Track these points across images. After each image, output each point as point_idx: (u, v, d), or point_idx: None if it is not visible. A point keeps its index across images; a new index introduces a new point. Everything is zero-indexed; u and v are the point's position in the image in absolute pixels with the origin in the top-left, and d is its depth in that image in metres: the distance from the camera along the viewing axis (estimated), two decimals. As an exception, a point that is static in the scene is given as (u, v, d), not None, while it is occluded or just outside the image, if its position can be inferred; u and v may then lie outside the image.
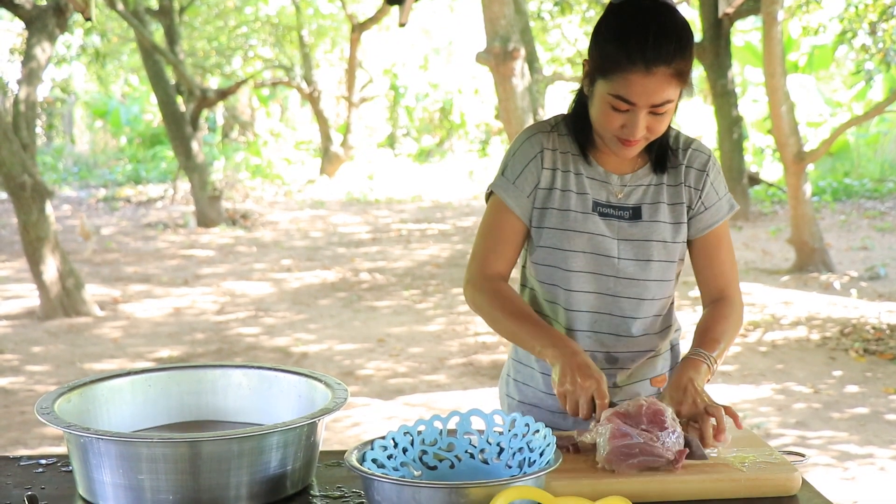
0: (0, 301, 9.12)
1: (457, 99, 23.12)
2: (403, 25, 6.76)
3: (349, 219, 14.89)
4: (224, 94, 15.04)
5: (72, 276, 8.33)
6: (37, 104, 8.91)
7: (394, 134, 23.74)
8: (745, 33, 18.29)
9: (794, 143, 9.46)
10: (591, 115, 2.07)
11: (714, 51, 12.19)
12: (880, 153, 17.11)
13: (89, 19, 4.94)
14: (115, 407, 1.98)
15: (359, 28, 17.38)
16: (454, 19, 23.23)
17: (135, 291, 9.51)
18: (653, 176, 2.15)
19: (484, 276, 2.15)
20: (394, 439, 1.80)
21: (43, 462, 1.97)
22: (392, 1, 6.82)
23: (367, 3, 18.91)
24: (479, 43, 14.94)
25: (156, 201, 16.59)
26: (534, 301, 2.20)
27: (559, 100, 18.04)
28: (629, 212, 2.12)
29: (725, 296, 2.17)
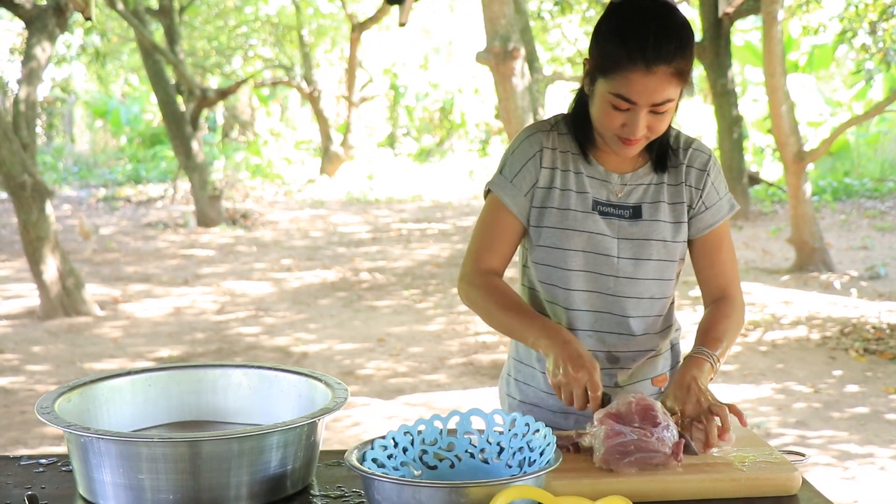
0: (0, 301, 9.12)
1: (457, 98, 23.12)
2: (403, 25, 6.76)
3: (349, 218, 14.89)
4: (224, 94, 15.04)
5: (72, 276, 8.33)
6: (37, 104, 8.90)
7: (394, 133, 23.74)
8: (745, 33, 18.29)
9: (794, 142, 9.46)
10: (591, 114, 2.07)
11: (714, 50, 12.19)
12: (880, 153, 17.10)
13: (89, 19, 4.93)
14: (116, 407, 1.98)
15: (359, 28, 17.38)
16: (454, 19, 23.23)
17: (135, 291, 9.50)
18: (653, 175, 2.15)
19: (477, 272, 2.15)
20: (394, 439, 1.80)
21: (43, 462, 1.97)
22: (392, 0, 6.82)
23: (367, 2, 18.91)
24: (479, 42, 14.93)
25: (156, 201, 16.59)
26: (535, 301, 2.20)
27: (559, 99, 18.04)
28: (629, 211, 2.12)
29: (727, 295, 2.18)
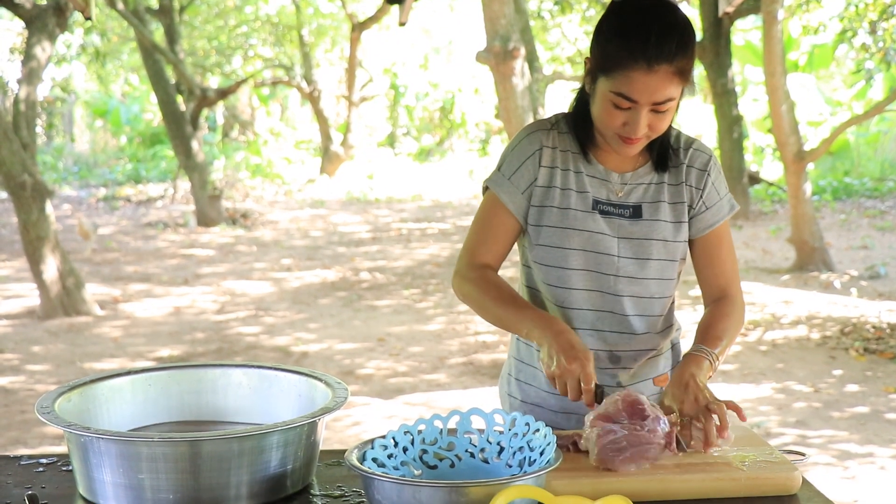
0: (0, 300, 9.12)
1: (457, 98, 23.12)
2: (403, 25, 6.76)
3: (349, 218, 14.89)
4: (224, 94, 15.04)
5: (72, 276, 8.33)
6: (37, 103, 8.90)
7: (394, 133, 23.74)
8: (746, 32, 18.29)
9: (794, 142, 9.46)
10: (592, 112, 2.07)
11: (714, 50, 12.19)
12: (880, 152, 17.10)
13: (89, 18, 4.93)
14: (116, 406, 1.98)
15: (359, 27, 17.38)
16: (454, 18, 23.23)
17: (135, 291, 9.50)
18: (654, 175, 2.15)
19: (471, 266, 2.16)
20: (394, 438, 1.80)
21: (43, 461, 1.97)
22: (392, 0, 6.82)
23: (367, 2, 18.91)
24: (479, 42, 14.94)
25: (156, 200, 16.59)
26: (536, 301, 2.20)
27: (559, 99, 18.03)
28: (629, 210, 2.12)
29: (727, 295, 2.18)
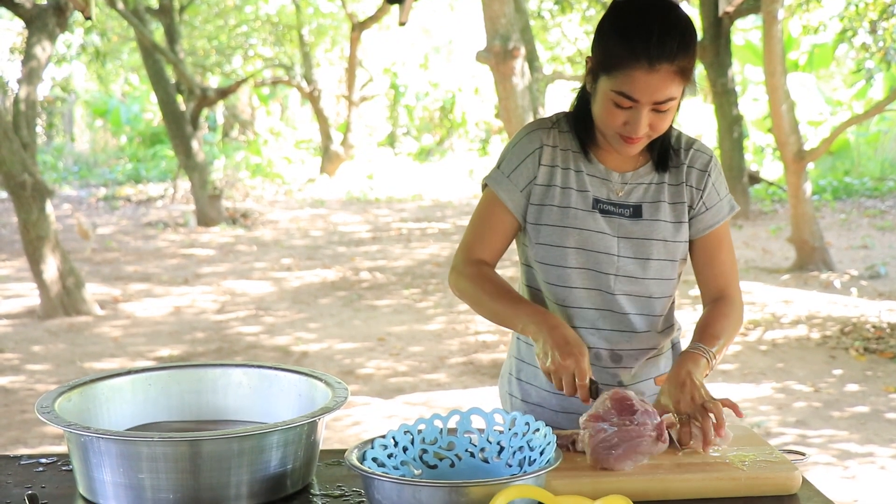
0: (0, 300, 9.12)
1: (457, 98, 23.12)
2: (403, 24, 6.75)
3: (349, 218, 14.89)
4: (224, 93, 15.04)
5: (72, 275, 8.33)
6: (37, 103, 8.89)
7: (394, 133, 23.75)
8: (746, 32, 18.29)
9: (794, 141, 9.46)
10: (593, 112, 2.07)
11: (714, 49, 12.19)
12: (880, 152, 17.10)
13: (89, 18, 4.93)
14: (116, 406, 1.98)
15: (359, 27, 17.38)
16: (454, 18, 23.23)
17: (135, 290, 9.50)
18: (654, 175, 2.15)
19: (468, 262, 2.16)
20: (394, 438, 1.80)
21: (43, 461, 1.97)
22: (392, 0, 6.82)
23: (367, 1, 18.91)
24: (479, 42, 14.94)
25: (156, 200, 16.59)
26: (536, 301, 2.19)
27: (559, 99, 18.04)
28: (630, 210, 2.12)
29: (726, 295, 2.18)
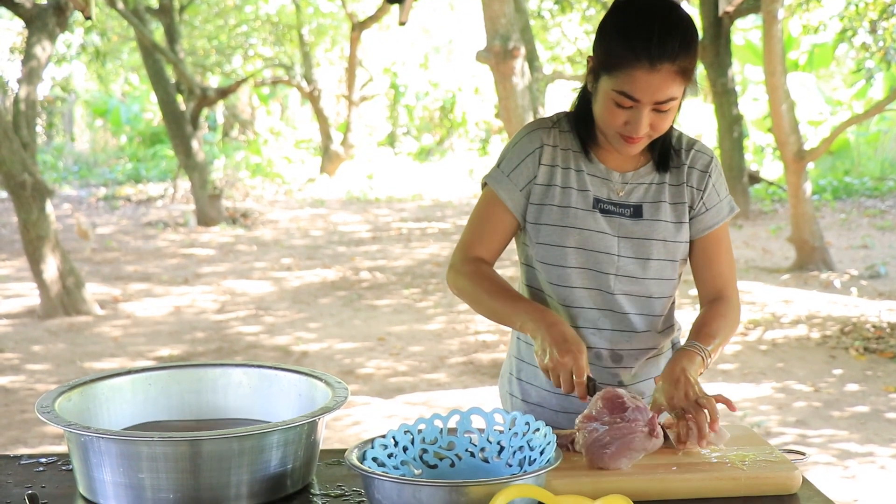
0: (0, 300, 9.12)
1: (457, 97, 23.12)
2: (403, 24, 6.75)
3: (349, 217, 14.89)
4: (224, 93, 15.04)
5: (72, 275, 8.33)
6: (37, 103, 8.89)
7: (394, 132, 23.75)
8: (746, 32, 18.29)
9: (794, 141, 9.46)
10: (594, 111, 2.07)
11: (714, 49, 12.19)
12: (880, 151, 17.10)
13: (89, 18, 4.93)
14: (116, 406, 1.98)
15: (359, 27, 17.38)
16: (454, 18, 23.23)
17: (135, 290, 9.51)
18: (655, 175, 2.15)
19: (466, 260, 2.16)
20: (394, 438, 1.80)
21: (43, 461, 1.97)
22: (392, 0, 6.81)
23: (367, 1, 18.91)
24: (479, 41, 14.95)
25: (156, 200, 16.59)
26: (537, 300, 2.19)
27: (559, 98, 18.04)
28: (630, 209, 2.12)
29: (723, 296, 2.18)
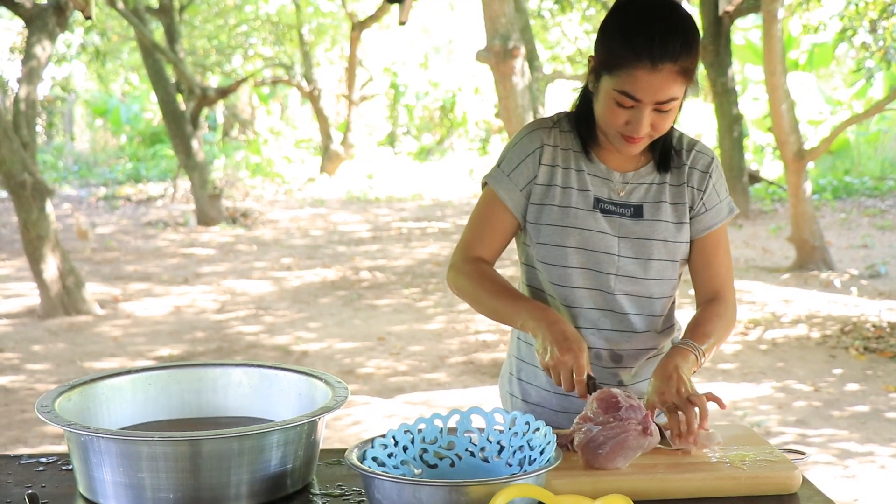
0: (0, 299, 9.12)
1: (457, 97, 23.12)
2: (403, 24, 6.75)
3: (349, 217, 14.89)
4: (224, 93, 15.04)
5: (72, 275, 8.33)
6: (37, 103, 8.89)
7: (394, 132, 23.75)
8: (746, 31, 18.29)
9: (794, 141, 9.45)
10: (595, 111, 2.07)
11: (714, 49, 12.19)
12: (880, 151, 17.10)
13: (89, 18, 4.93)
14: (116, 405, 1.98)
15: (359, 26, 17.38)
16: (454, 17, 23.23)
17: (135, 290, 9.51)
18: (655, 175, 2.15)
19: (466, 260, 2.16)
20: (394, 437, 1.80)
21: (43, 461, 1.97)
22: (392, -1, 6.82)
23: (367, 1, 18.91)
24: (479, 41, 14.94)
25: (156, 200, 16.59)
26: (537, 300, 2.19)
27: (559, 98, 18.04)
28: (631, 209, 2.12)
29: (720, 296, 2.18)
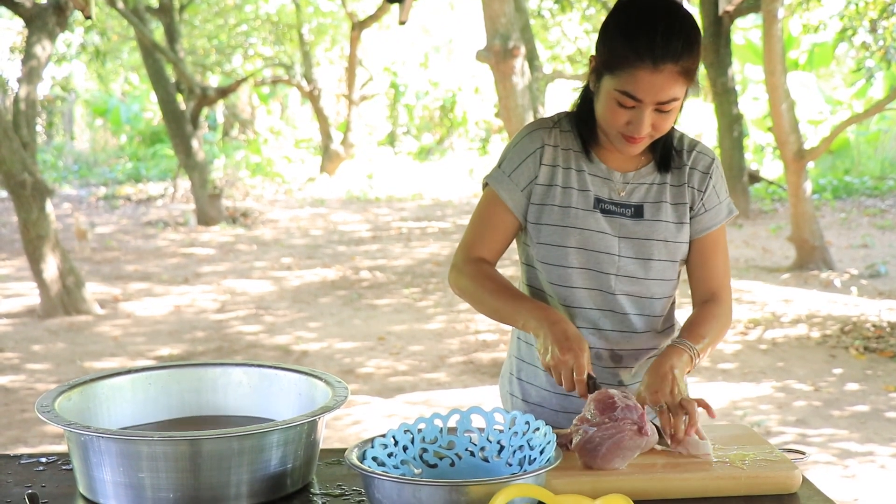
0: (0, 299, 9.12)
1: (457, 97, 23.12)
2: (403, 23, 6.75)
3: (349, 217, 14.89)
4: (224, 93, 15.04)
5: (72, 275, 8.33)
6: (37, 102, 8.89)
7: (394, 132, 23.75)
8: (746, 31, 18.28)
9: (794, 140, 9.45)
10: (596, 111, 2.07)
11: (714, 48, 12.18)
12: (880, 151, 17.10)
13: (89, 17, 4.94)
14: (116, 405, 1.98)
15: (359, 26, 17.38)
16: (454, 17, 23.23)
17: (135, 290, 9.51)
18: (656, 175, 2.15)
19: (467, 260, 2.16)
20: (394, 437, 1.80)
21: (43, 460, 1.97)
22: (392, -1, 6.82)
23: (367, 1, 18.91)
24: (479, 41, 14.93)
25: (156, 199, 16.59)
26: (537, 300, 2.19)
27: (559, 98, 18.03)
28: (631, 210, 2.12)
29: (717, 298, 2.17)
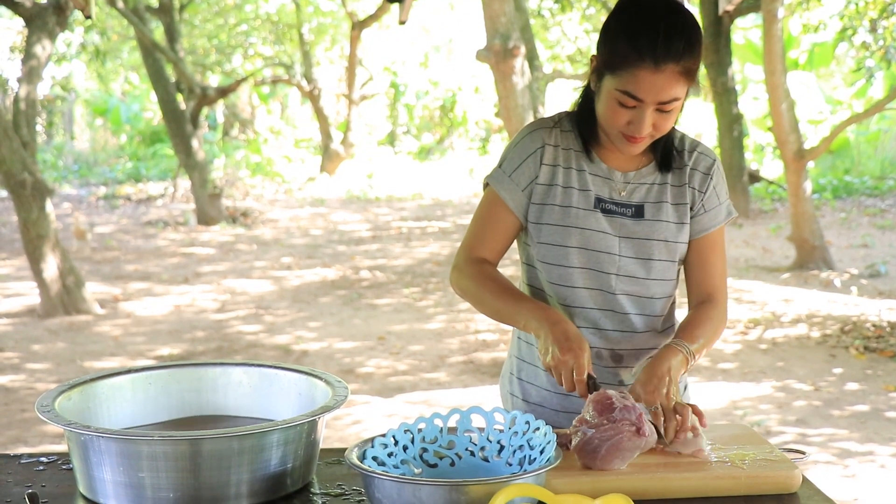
0: (0, 299, 9.12)
1: (457, 96, 23.12)
2: (404, 23, 6.75)
3: (349, 216, 14.89)
4: (224, 92, 15.04)
5: (72, 274, 8.33)
6: (37, 102, 8.89)
7: (394, 132, 23.75)
8: (746, 31, 18.28)
9: (794, 140, 9.45)
10: (597, 110, 2.07)
11: (714, 48, 12.18)
12: (881, 151, 17.10)
13: (89, 17, 4.93)
14: (116, 405, 1.98)
15: (359, 26, 17.38)
16: (454, 17, 23.23)
17: (135, 289, 9.51)
18: (657, 175, 2.15)
19: (469, 261, 2.16)
20: (394, 437, 1.80)
21: (43, 460, 1.97)
22: (392, -2, 6.82)
23: (367, 0, 18.91)
24: (479, 40, 14.93)
25: (156, 199, 16.59)
26: (538, 300, 2.19)
27: (559, 97, 18.03)
28: (632, 209, 2.12)
29: (712, 299, 2.17)
